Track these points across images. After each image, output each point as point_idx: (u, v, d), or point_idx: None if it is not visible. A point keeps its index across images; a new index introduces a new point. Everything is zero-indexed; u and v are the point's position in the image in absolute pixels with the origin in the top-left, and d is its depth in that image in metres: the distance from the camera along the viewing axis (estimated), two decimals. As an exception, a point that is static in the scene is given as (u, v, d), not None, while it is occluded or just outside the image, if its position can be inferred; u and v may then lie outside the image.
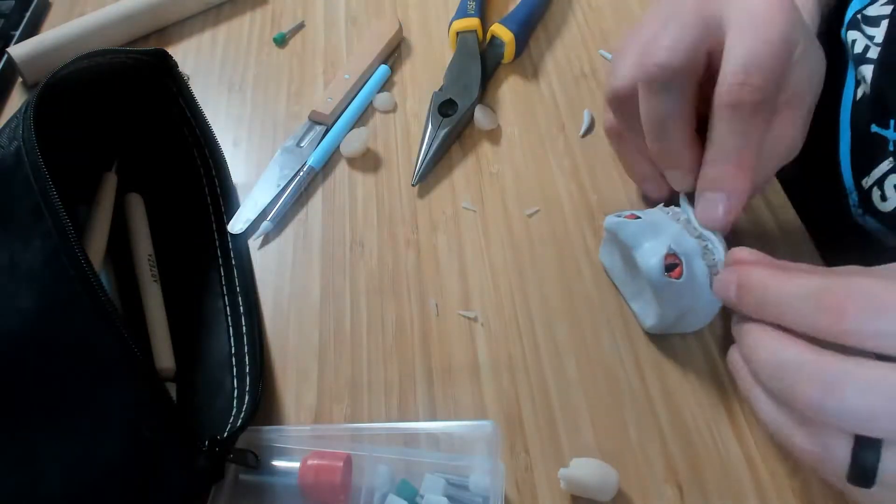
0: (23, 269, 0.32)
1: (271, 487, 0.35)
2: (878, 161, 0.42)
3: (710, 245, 0.36)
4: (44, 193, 0.32)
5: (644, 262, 0.35)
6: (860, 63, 0.45)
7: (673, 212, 0.38)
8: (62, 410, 0.31)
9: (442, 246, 0.45)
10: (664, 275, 0.35)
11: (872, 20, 0.45)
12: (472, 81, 0.52)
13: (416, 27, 0.59)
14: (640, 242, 0.36)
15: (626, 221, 0.37)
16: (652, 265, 0.35)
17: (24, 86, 0.57)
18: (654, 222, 0.37)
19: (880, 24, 0.44)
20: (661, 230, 0.36)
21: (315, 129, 0.51)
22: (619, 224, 0.37)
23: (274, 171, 0.49)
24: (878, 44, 0.44)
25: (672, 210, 0.38)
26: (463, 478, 0.33)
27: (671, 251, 0.35)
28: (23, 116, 0.35)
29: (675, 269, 0.35)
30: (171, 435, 0.32)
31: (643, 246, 0.36)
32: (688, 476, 0.35)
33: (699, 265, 0.35)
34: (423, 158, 0.48)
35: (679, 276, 0.35)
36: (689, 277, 0.35)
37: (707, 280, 0.35)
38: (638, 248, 0.36)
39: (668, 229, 0.36)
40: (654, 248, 0.35)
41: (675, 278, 0.35)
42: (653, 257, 0.35)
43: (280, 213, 0.47)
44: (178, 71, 0.45)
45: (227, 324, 0.41)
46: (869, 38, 0.45)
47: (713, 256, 0.35)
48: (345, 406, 0.39)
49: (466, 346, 0.40)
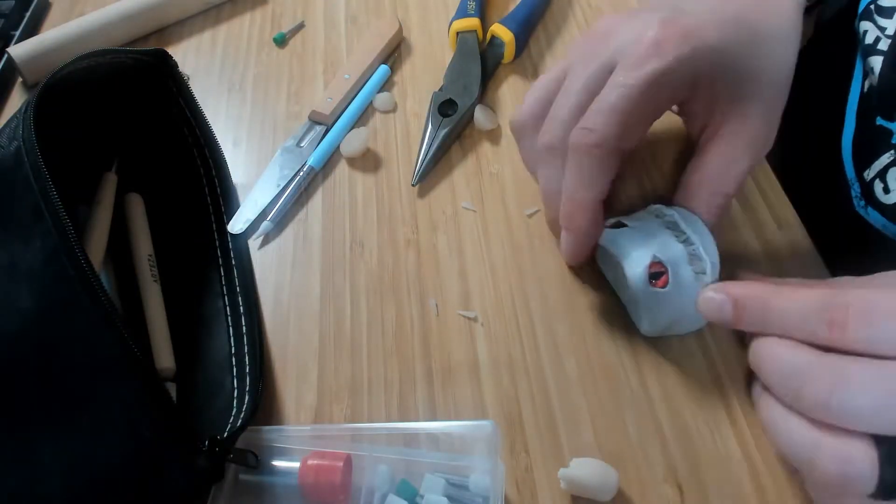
0: (23, 270, 0.32)
1: (271, 487, 0.35)
2: (879, 153, 0.42)
3: (697, 249, 0.35)
4: (44, 193, 0.32)
5: (630, 272, 0.35)
6: (869, 54, 0.45)
7: (659, 211, 0.38)
8: (62, 410, 0.31)
9: (442, 246, 0.45)
10: (649, 284, 0.35)
11: (887, 11, 0.45)
12: (472, 81, 0.51)
13: (416, 27, 0.59)
14: (627, 252, 0.36)
15: (610, 231, 0.37)
16: (636, 275, 0.35)
17: (24, 86, 0.57)
18: (640, 229, 0.37)
19: (893, 16, 0.44)
20: (648, 237, 0.36)
21: (315, 129, 0.51)
22: (605, 234, 0.37)
23: (274, 171, 0.49)
24: (890, 35, 0.44)
25: (657, 209, 0.38)
26: (463, 478, 0.33)
27: (656, 259, 0.35)
28: (23, 116, 0.35)
29: (661, 277, 0.35)
30: (171, 435, 0.32)
31: (630, 255, 0.36)
32: (688, 476, 0.35)
33: (686, 272, 0.35)
34: (423, 158, 0.48)
35: (665, 285, 0.35)
36: (676, 285, 0.35)
37: (696, 286, 0.35)
38: (625, 258, 0.36)
39: (655, 236, 0.36)
40: (640, 258, 0.35)
41: (660, 287, 0.35)
42: (637, 267, 0.35)
43: (280, 213, 0.47)
44: (178, 71, 0.45)
45: (227, 324, 0.41)
46: (881, 30, 0.45)
47: (701, 262, 0.35)
48: (345, 406, 0.39)
49: (466, 346, 0.40)
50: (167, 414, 0.31)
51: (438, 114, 0.50)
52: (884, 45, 0.44)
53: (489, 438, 0.33)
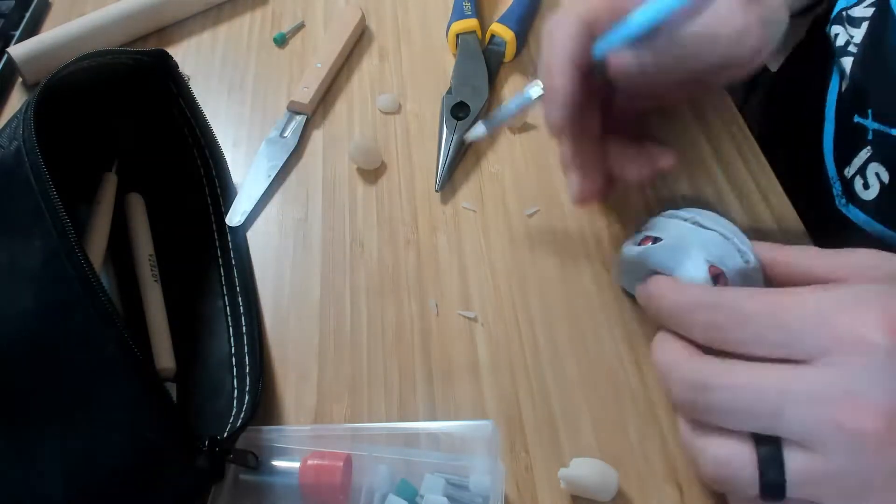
0: (23, 270, 0.32)
1: (271, 487, 0.35)
2: (858, 149, 0.43)
3: (733, 241, 0.35)
4: (44, 193, 0.32)
5: (694, 279, 0.35)
6: (841, 55, 0.46)
7: (675, 215, 0.37)
8: (62, 411, 0.31)
9: (442, 246, 0.45)
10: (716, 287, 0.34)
11: (856, 21, 0.46)
12: (481, 82, 0.52)
13: (416, 27, 0.59)
14: (678, 263, 0.35)
15: (651, 248, 0.36)
16: (702, 280, 0.34)
17: (24, 86, 0.57)
18: (675, 237, 0.36)
19: (861, 26, 0.46)
20: (688, 245, 0.35)
21: (296, 119, 0.52)
22: (645, 252, 0.36)
23: (262, 162, 0.50)
24: (857, 44, 0.45)
25: (672, 213, 0.38)
26: (463, 478, 0.33)
27: (709, 262, 0.35)
28: (23, 116, 0.35)
29: (720, 278, 0.34)
30: (172, 435, 0.32)
31: (684, 265, 0.35)
32: (688, 476, 0.35)
33: (736, 264, 0.35)
34: (442, 163, 0.48)
35: (727, 284, 0.35)
36: (734, 281, 0.35)
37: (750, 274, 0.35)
38: (679, 269, 0.35)
39: (694, 241, 0.35)
40: (696, 265, 0.35)
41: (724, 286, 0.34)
42: (698, 273, 0.34)
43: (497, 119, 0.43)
44: (178, 71, 0.45)
45: (227, 324, 0.41)
46: (850, 36, 0.46)
47: (741, 252, 0.35)
48: (345, 406, 0.39)
49: (466, 346, 0.40)
50: (167, 414, 0.31)
51: (452, 117, 0.50)
52: (853, 48, 0.45)
53: (489, 438, 0.33)
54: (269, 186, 0.49)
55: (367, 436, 0.36)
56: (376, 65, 0.56)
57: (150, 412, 0.31)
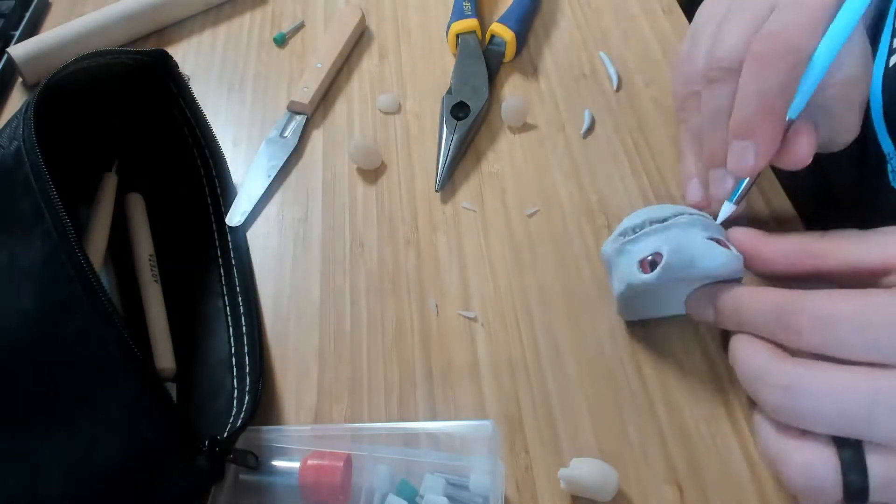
0: (23, 270, 0.32)
1: (271, 487, 0.35)
2: None
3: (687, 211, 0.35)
4: (44, 193, 0.32)
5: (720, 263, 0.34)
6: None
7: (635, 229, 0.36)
8: (62, 410, 0.31)
9: (442, 246, 0.45)
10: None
11: None
12: (481, 82, 0.52)
13: (416, 27, 0.59)
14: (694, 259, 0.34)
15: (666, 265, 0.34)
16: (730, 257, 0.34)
17: (24, 86, 0.57)
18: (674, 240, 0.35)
19: None
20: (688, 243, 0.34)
21: (296, 119, 0.52)
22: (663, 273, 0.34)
23: (262, 162, 0.50)
24: None
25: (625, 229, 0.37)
26: (463, 478, 0.33)
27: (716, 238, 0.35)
28: (23, 116, 0.35)
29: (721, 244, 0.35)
30: (171, 435, 0.32)
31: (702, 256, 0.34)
32: (688, 476, 0.35)
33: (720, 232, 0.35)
34: (442, 163, 0.48)
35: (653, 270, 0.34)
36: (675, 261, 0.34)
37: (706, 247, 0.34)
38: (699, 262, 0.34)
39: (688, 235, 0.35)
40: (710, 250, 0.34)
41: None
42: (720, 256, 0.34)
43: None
44: (178, 71, 0.45)
45: (227, 324, 0.42)
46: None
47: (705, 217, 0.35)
48: (345, 406, 0.39)
49: (466, 346, 0.40)
50: (167, 414, 0.31)
51: (452, 117, 0.50)
52: None
53: (489, 438, 0.33)
54: (269, 186, 0.49)
55: (367, 436, 0.36)
56: (376, 65, 0.56)
57: (150, 412, 0.31)
